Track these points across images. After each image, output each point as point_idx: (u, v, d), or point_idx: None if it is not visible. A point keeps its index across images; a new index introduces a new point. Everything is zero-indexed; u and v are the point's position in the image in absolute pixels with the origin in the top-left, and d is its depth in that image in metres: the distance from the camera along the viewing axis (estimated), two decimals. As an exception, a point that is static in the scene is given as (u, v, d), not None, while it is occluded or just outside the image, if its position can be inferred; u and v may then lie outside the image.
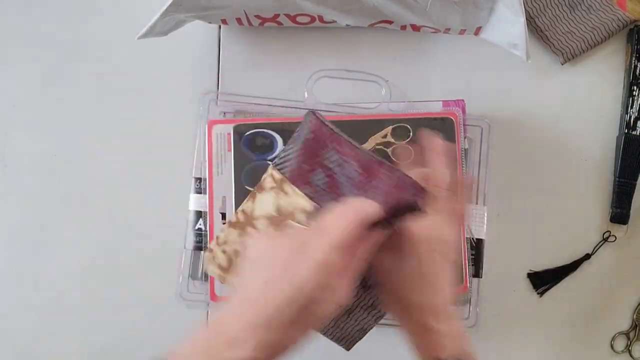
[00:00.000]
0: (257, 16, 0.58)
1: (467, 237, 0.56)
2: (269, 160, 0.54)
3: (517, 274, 0.63)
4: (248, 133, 0.54)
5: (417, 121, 0.55)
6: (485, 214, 0.58)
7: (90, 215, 0.63)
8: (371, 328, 0.50)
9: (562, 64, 0.64)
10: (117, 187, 0.63)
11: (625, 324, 0.63)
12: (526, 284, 0.63)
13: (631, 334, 0.63)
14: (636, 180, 0.62)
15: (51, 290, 0.62)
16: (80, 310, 0.62)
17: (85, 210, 0.63)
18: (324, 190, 0.47)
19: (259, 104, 0.57)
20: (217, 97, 0.59)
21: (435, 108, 0.58)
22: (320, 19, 0.58)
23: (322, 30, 0.63)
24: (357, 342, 0.51)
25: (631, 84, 0.63)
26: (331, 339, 0.51)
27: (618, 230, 0.63)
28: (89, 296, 0.62)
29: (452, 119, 0.54)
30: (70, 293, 0.62)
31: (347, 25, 0.59)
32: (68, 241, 0.62)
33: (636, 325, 0.63)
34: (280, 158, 0.48)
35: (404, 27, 0.59)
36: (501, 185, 0.63)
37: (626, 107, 0.63)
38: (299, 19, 0.58)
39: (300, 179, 0.47)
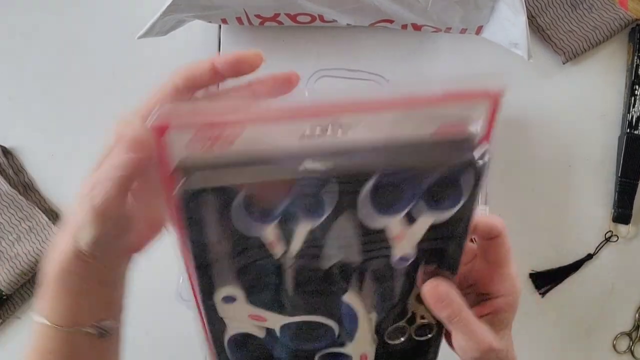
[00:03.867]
0: (258, 16, 0.57)
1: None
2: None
3: (519, 274, 0.62)
4: None
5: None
6: (487, 214, 0.57)
7: (90, 216, 0.63)
8: None
9: (564, 63, 0.64)
10: (117, 188, 0.63)
11: (627, 324, 0.63)
12: (528, 284, 0.63)
13: (634, 334, 0.63)
14: (638, 180, 0.62)
15: (51, 291, 0.62)
16: (80, 311, 0.62)
17: (85, 211, 0.63)
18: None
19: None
20: (217, 97, 0.59)
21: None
22: (321, 18, 0.58)
23: (323, 29, 0.63)
24: None
25: (633, 83, 0.63)
26: None
27: (620, 230, 0.63)
28: (89, 297, 0.62)
29: None
30: (70, 294, 0.62)
31: (347, 24, 0.59)
32: (68, 242, 0.62)
33: (638, 326, 0.63)
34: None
35: (404, 27, 0.59)
36: (502, 184, 0.62)
37: (628, 106, 0.63)
38: (299, 18, 0.58)
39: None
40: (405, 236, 0.33)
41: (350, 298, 0.35)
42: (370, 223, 0.31)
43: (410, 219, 0.32)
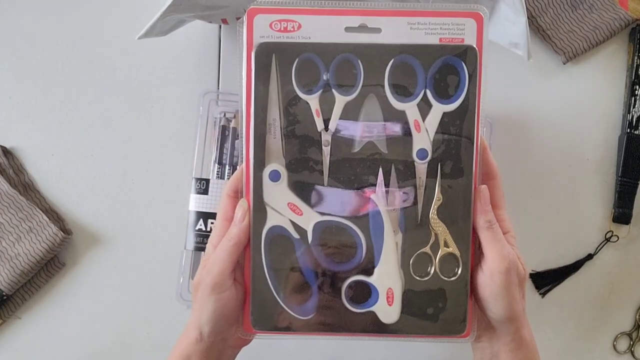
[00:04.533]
0: (258, 16, 0.58)
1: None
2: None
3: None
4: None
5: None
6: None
7: (90, 216, 0.63)
8: None
9: (564, 63, 0.64)
10: (116, 188, 0.63)
11: (627, 324, 0.63)
12: (528, 284, 0.63)
13: (634, 335, 0.63)
14: (639, 180, 0.62)
15: (48, 291, 0.62)
16: (80, 310, 0.62)
17: (83, 211, 0.63)
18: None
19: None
20: (218, 97, 0.59)
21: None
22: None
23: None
24: None
25: (633, 84, 0.63)
26: None
27: (620, 230, 0.63)
28: (88, 296, 0.62)
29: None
30: (69, 293, 0.62)
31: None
32: (67, 241, 0.62)
33: (639, 326, 0.63)
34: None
35: (404, 27, 0.60)
36: (503, 184, 0.62)
37: (628, 106, 0.63)
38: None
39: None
40: (422, 127, 0.41)
41: (377, 198, 0.41)
42: (392, 104, 0.41)
43: (424, 108, 0.41)
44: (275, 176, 0.41)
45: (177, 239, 0.58)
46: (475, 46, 0.40)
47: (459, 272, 0.41)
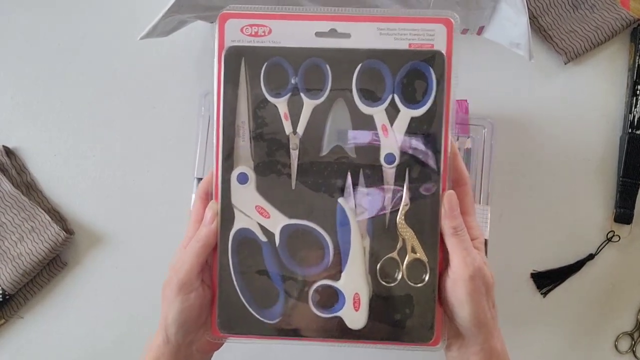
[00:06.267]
0: (259, 16, 0.58)
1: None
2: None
3: (521, 274, 0.63)
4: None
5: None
6: (489, 214, 0.57)
7: (91, 216, 0.63)
8: None
9: (565, 63, 0.64)
10: (118, 188, 0.63)
11: (629, 324, 0.63)
12: (529, 284, 0.63)
13: (635, 335, 0.63)
14: (640, 180, 0.62)
15: (50, 290, 0.62)
16: (81, 310, 0.62)
17: (85, 211, 0.63)
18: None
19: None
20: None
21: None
22: (322, 18, 0.58)
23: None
24: None
25: (635, 83, 0.63)
26: None
27: (622, 230, 0.63)
28: (90, 295, 0.62)
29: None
30: (70, 292, 0.62)
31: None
32: (69, 241, 0.62)
33: (640, 326, 0.63)
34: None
35: (406, 27, 0.60)
36: (504, 185, 0.62)
37: (630, 106, 0.63)
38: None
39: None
40: (390, 132, 0.41)
41: (344, 202, 0.41)
42: (360, 108, 0.41)
43: (392, 113, 0.41)
44: (243, 179, 0.41)
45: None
46: (443, 52, 0.40)
47: (427, 278, 0.41)
